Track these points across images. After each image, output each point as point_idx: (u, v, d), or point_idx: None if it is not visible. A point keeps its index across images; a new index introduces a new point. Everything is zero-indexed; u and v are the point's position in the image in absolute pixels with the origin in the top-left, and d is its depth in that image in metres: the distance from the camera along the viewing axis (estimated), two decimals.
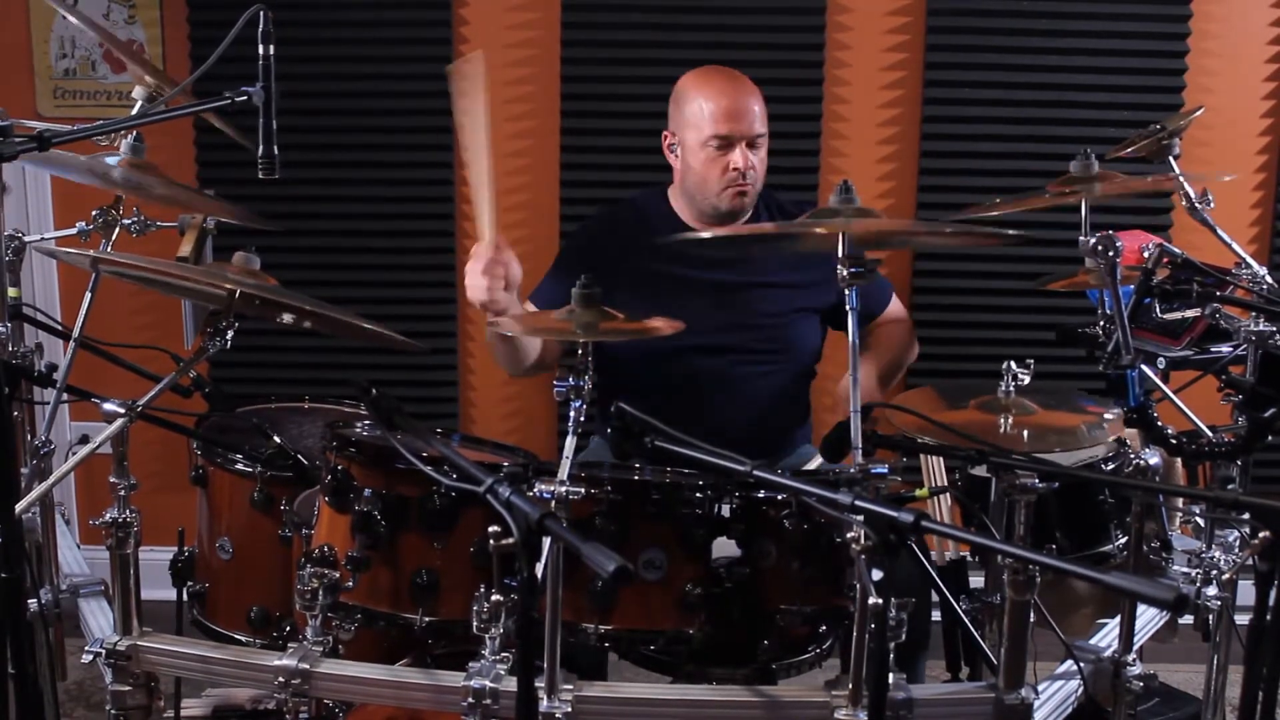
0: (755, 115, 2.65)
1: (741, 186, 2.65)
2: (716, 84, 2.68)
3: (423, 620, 1.93)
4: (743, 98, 2.65)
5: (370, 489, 1.93)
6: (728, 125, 2.63)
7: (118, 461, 1.97)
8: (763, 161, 2.69)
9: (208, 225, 2.36)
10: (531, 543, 1.47)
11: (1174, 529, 2.34)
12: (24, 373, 2.30)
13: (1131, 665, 2.09)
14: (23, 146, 1.64)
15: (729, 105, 2.63)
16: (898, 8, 3.43)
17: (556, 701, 1.79)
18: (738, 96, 2.65)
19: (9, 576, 1.71)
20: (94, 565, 2.51)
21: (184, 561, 2.31)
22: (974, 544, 1.98)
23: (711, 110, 2.63)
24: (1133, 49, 3.40)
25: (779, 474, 1.65)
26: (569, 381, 1.83)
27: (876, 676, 1.59)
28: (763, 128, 2.67)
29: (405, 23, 3.43)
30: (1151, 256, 2.07)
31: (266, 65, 1.84)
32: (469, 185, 2.30)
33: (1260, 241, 3.52)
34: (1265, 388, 2.04)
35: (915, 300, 3.54)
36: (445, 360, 3.60)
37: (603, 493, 1.87)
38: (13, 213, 3.43)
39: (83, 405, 2.40)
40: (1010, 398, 2.21)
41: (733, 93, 2.65)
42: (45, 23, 3.48)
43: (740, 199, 2.67)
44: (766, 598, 1.94)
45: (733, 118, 2.63)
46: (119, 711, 1.98)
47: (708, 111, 2.64)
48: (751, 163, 2.64)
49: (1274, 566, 1.53)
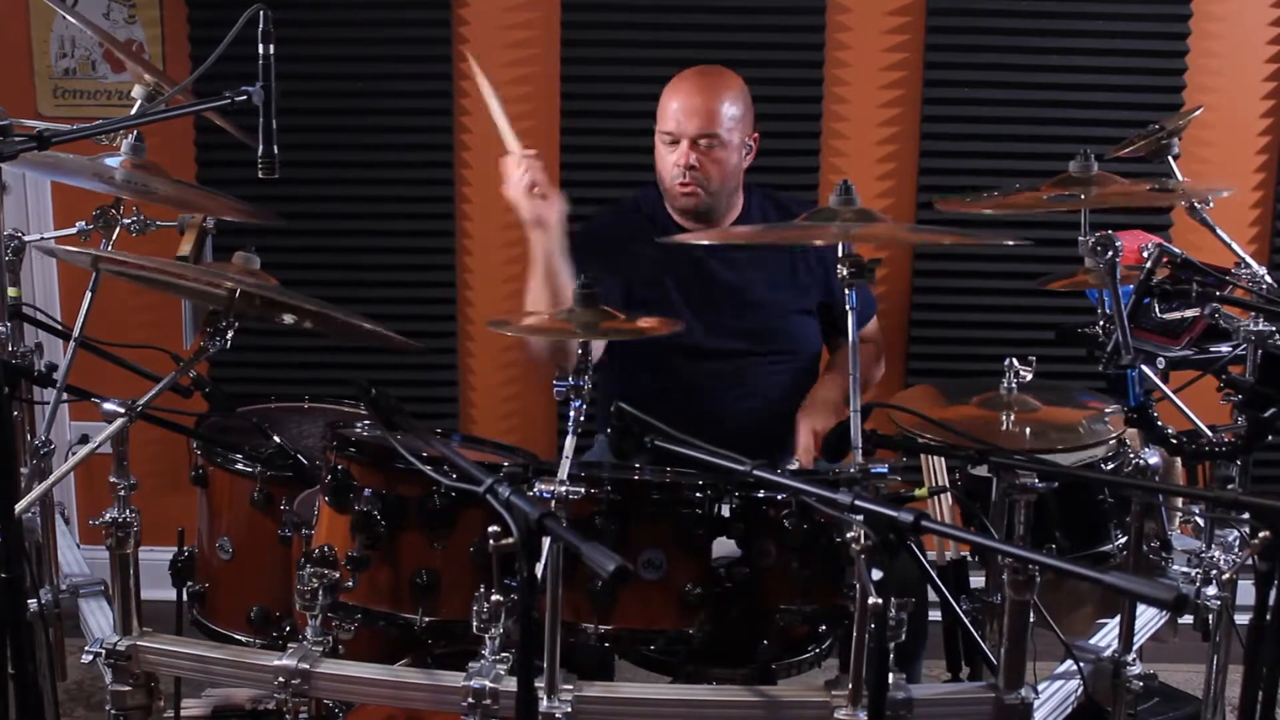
0: (706, 114, 2.63)
1: (684, 185, 2.66)
2: (682, 82, 2.70)
3: (423, 620, 1.93)
4: (695, 97, 2.65)
5: (370, 489, 1.93)
6: (673, 122, 2.65)
7: (118, 461, 1.97)
8: (718, 163, 2.66)
9: (207, 225, 2.36)
10: (531, 543, 1.47)
11: (1174, 529, 2.34)
12: (24, 373, 2.30)
13: (1131, 665, 2.09)
14: (22, 146, 1.63)
15: (679, 103, 2.66)
16: (898, 8, 3.43)
17: (556, 701, 1.79)
18: (691, 95, 2.66)
19: (9, 576, 1.71)
20: (94, 565, 2.51)
21: (184, 561, 2.32)
22: (974, 544, 1.98)
23: (666, 107, 2.67)
24: (1133, 49, 3.40)
25: (779, 474, 1.65)
26: (569, 381, 1.83)
27: (876, 676, 1.59)
28: (716, 128, 2.64)
29: (405, 23, 3.43)
30: (1151, 256, 2.06)
31: (266, 65, 1.84)
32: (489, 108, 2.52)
33: (1260, 241, 3.52)
34: (1265, 388, 2.03)
35: (915, 300, 3.55)
36: (445, 360, 3.60)
37: (603, 493, 1.86)
38: (13, 212, 3.43)
39: (83, 405, 2.40)
40: (1012, 394, 2.22)
41: (688, 91, 2.67)
42: (45, 23, 3.48)
43: (686, 198, 2.68)
44: (766, 597, 1.94)
45: (680, 115, 2.65)
46: (119, 711, 1.98)
47: (664, 108, 2.68)
48: (693, 161, 2.63)
49: (1274, 566, 1.53)
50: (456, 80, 3.47)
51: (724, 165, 2.67)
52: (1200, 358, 2.25)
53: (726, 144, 2.65)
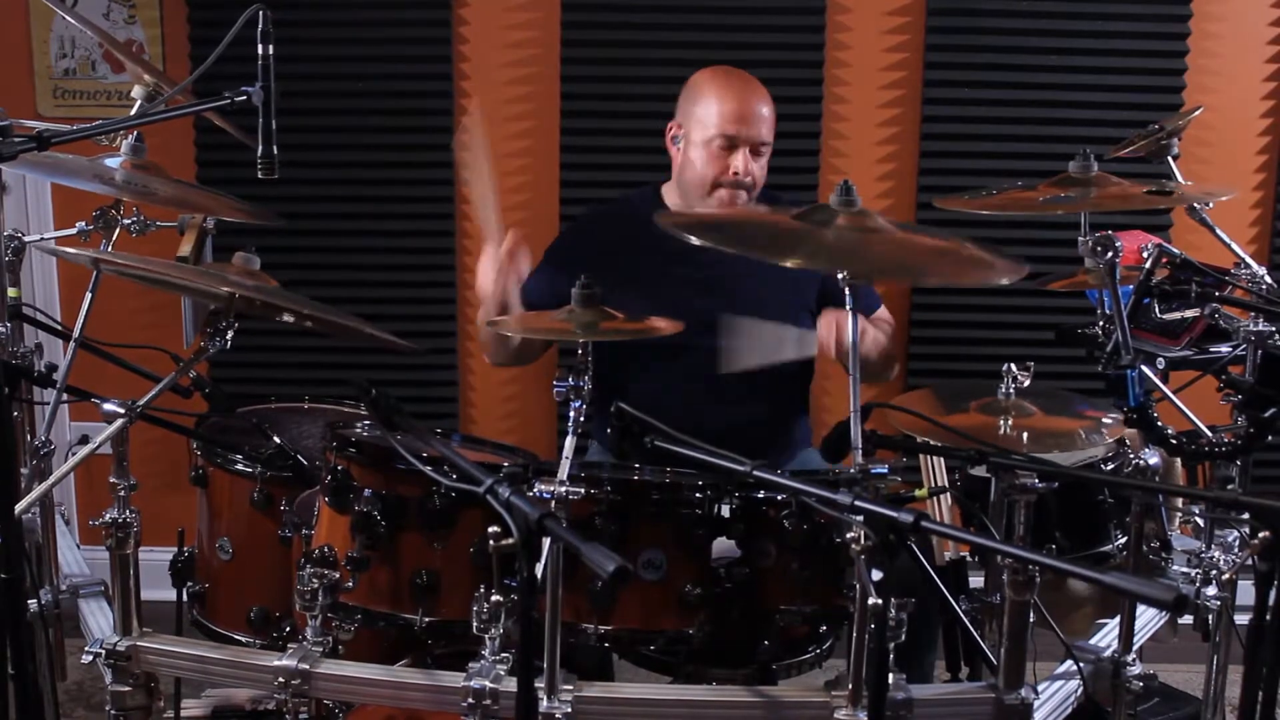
0: (765, 122, 2.66)
1: (737, 192, 2.66)
2: (734, 85, 2.69)
3: (423, 620, 1.93)
4: (756, 103, 2.66)
5: (370, 489, 1.93)
6: (736, 127, 2.63)
7: (118, 461, 1.97)
8: (763, 170, 2.69)
9: (207, 225, 2.36)
10: (531, 543, 1.47)
11: (1174, 529, 2.34)
12: (24, 373, 2.30)
13: (1131, 665, 2.09)
14: (22, 146, 1.63)
15: (740, 108, 2.64)
16: (898, 8, 3.43)
17: (556, 701, 1.79)
18: (751, 100, 2.66)
19: (9, 576, 1.71)
20: (94, 565, 2.51)
21: (184, 562, 2.32)
22: (974, 544, 1.98)
23: (723, 110, 2.64)
24: (1133, 49, 3.40)
25: (779, 474, 1.65)
26: (569, 381, 1.83)
27: (876, 676, 1.59)
28: (769, 136, 2.67)
29: (405, 23, 3.43)
30: (1151, 257, 2.06)
31: (266, 65, 1.84)
32: (470, 197, 2.46)
33: (1260, 242, 3.52)
34: (1265, 388, 2.03)
35: (915, 300, 3.55)
36: (445, 360, 3.60)
37: (603, 493, 1.87)
38: (13, 213, 3.42)
39: (83, 405, 2.40)
40: (1010, 400, 2.21)
41: (747, 96, 2.67)
42: (45, 23, 3.48)
43: (728, 203, 2.68)
44: (766, 598, 1.94)
45: (742, 120, 2.64)
46: (119, 712, 1.98)
47: (719, 110, 2.64)
48: (751, 169, 2.65)
49: (1274, 566, 1.53)
50: (456, 80, 3.47)
51: (764, 172, 2.70)
52: (1200, 358, 2.25)
53: (769, 149, 2.69)
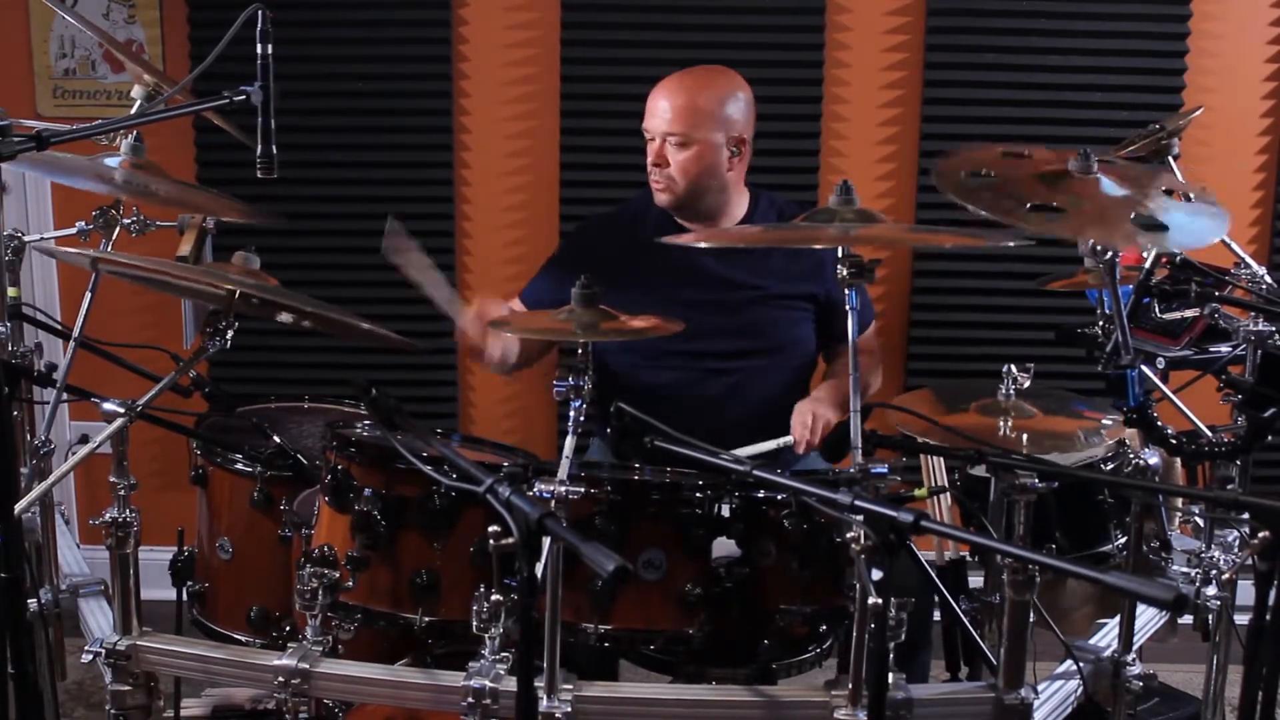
0: (670, 113, 2.64)
1: (655, 182, 2.69)
2: (665, 81, 2.71)
3: (423, 620, 1.93)
4: (665, 96, 2.67)
5: (370, 489, 1.93)
6: (646, 120, 2.69)
7: (118, 461, 1.97)
8: (685, 161, 2.64)
9: (207, 225, 2.36)
10: (531, 543, 1.47)
11: (1174, 529, 2.34)
12: (24, 372, 2.30)
13: (1131, 665, 2.09)
14: (22, 146, 1.63)
15: (650, 103, 2.69)
16: (898, 8, 3.43)
17: (556, 701, 1.79)
18: (658, 96, 2.68)
19: (9, 576, 1.71)
20: (94, 565, 2.51)
21: (184, 561, 2.31)
22: (974, 544, 1.98)
23: (647, 104, 2.70)
24: (1133, 49, 3.40)
25: (779, 474, 1.65)
26: (569, 381, 1.83)
27: (876, 676, 1.59)
28: (677, 128, 2.64)
29: (405, 23, 3.43)
30: (1150, 257, 2.06)
31: (265, 64, 1.84)
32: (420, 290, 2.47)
33: (1260, 241, 3.52)
34: (1265, 388, 2.03)
35: (915, 300, 3.54)
36: (445, 360, 3.59)
37: (603, 493, 1.87)
38: (13, 212, 3.42)
39: (83, 405, 2.39)
40: (1010, 401, 2.21)
41: (664, 90, 2.69)
42: (45, 23, 3.48)
43: (659, 194, 2.71)
44: (766, 597, 1.94)
45: (649, 114, 2.69)
46: (119, 711, 1.98)
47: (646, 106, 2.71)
48: (664, 158, 2.65)
49: (1274, 566, 1.53)
50: (456, 80, 3.47)
51: (694, 164, 2.66)
52: (1200, 358, 2.25)
53: (697, 143, 2.65)
